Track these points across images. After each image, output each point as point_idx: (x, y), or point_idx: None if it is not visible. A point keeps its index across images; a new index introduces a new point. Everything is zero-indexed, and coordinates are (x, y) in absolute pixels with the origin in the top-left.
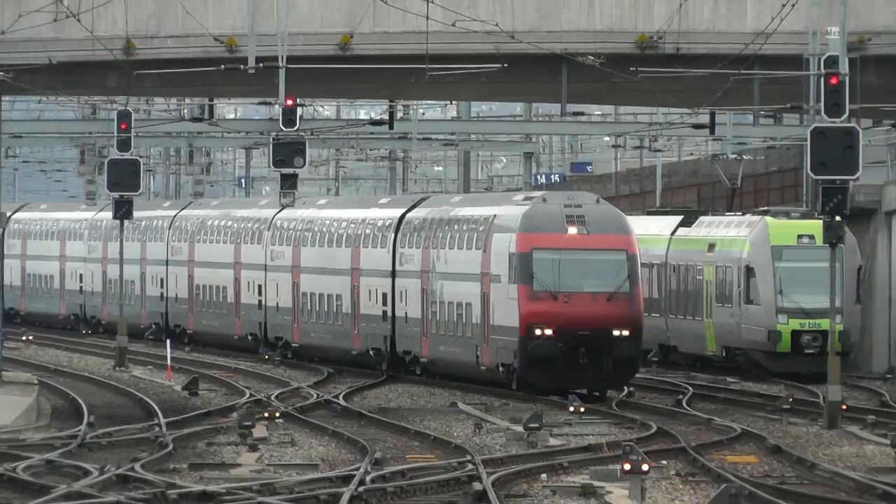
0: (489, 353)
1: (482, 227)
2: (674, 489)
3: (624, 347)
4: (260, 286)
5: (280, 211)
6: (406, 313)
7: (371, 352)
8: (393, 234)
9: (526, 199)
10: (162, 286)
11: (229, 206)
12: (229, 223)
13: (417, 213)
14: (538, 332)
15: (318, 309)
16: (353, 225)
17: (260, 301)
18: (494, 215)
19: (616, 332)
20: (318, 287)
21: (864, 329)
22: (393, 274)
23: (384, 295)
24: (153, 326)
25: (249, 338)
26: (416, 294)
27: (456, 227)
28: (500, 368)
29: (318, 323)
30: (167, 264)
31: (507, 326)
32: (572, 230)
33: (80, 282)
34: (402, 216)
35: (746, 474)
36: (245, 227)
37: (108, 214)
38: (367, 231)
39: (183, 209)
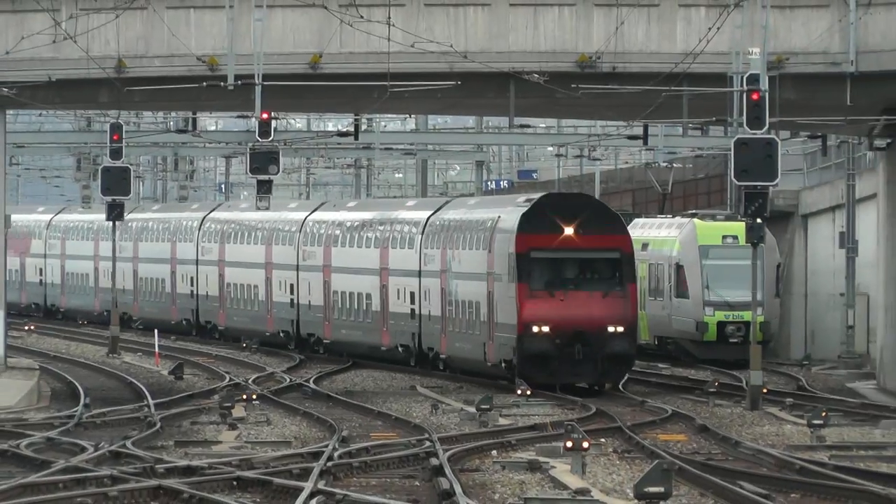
0: (493, 349)
1: (487, 229)
2: (611, 464)
3: (618, 343)
4: (292, 285)
5: (311, 213)
6: (429, 311)
7: (399, 348)
8: (419, 236)
9: (527, 200)
10: (192, 284)
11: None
12: (260, 225)
13: (440, 216)
14: (535, 329)
15: (348, 307)
16: (381, 226)
17: (292, 299)
18: (498, 217)
19: (611, 329)
20: (349, 286)
21: (783, 320)
22: (419, 274)
23: (412, 294)
24: (184, 322)
25: (281, 334)
26: (437, 293)
27: (467, 228)
28: (503, 364)
29: (349, 320)
30: (197, 264)
31: (507, 324)
32: (569, 230)
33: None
34: (428, 218)
35: (677, 451)
36: (276, 228)
37: (137, 216)
38: (395, 233)
39: (212, 211)
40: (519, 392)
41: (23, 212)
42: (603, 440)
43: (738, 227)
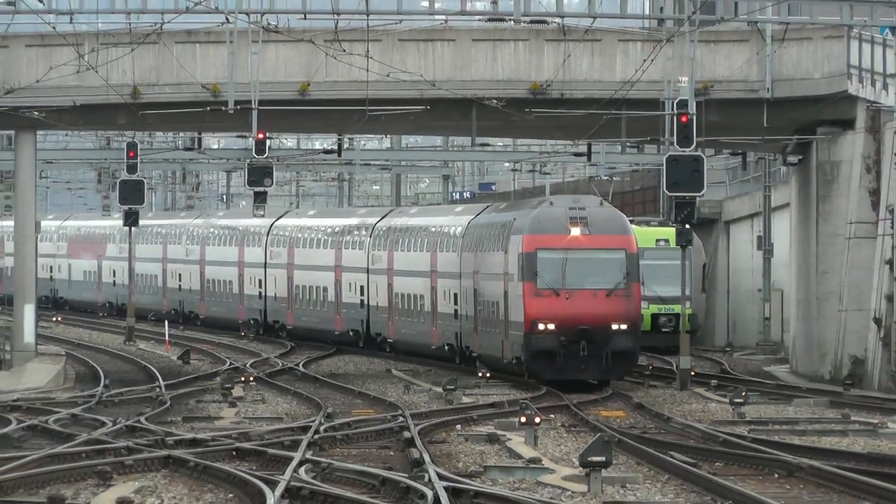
0: (507, 346)
1: (504, 231)
2: (559, 437)
3: (621, 340)
4: (362, 287)
5: (381, 219)
6: (466, 312)
7: (446, 347)
8: (461, 240)
9: (539, 203)
10: (260, 286)
11: (327, 216)
12: (329, 230)
13: (478, 220)
14: (541, 326)
15: (407, 308)
16: (432, 231)
17: (362, 300)
18: (514, 219)
19: (615, 327)
20: (407, 288)
21: (708, 312)
22: (460, 276)
23: (455, 295)
24: (251, 322)
25: (350, 333)
26: (470, 294)
27: (492, 231)
28: (514, 360)
29: (408, 321)
30: (265, 267)
31: (517, 322)
32: (575, 231)
33: (179, 280)
34: (469, 223)
35: (616, 426)
36: (346, 232)
37: (202, 221)
38: (442, 237)
39: (279, 218)
40: (480, 374)
41: (97, 218)
42: (552, 416)
43: (670, 232)
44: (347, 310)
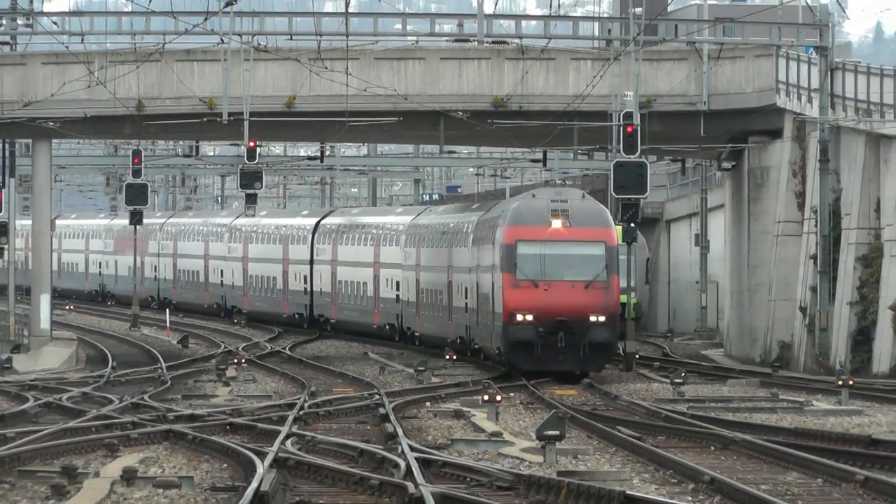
0: (494, 337)
1: (495, 224)
2: (518, 413)
3: (599, 332)
4: (398, 282)
5: (323, 218)
6: (408, 298)
7: (459, 340)
8: (403, 237)
9: (526, 195)
10: (305, 282)
11: (368, 215)
12: (369, 228)
13: (418, 220)
14: (519, 317)
15: (431, 302)
16: (449, 229)
17: (397, 295)
18: (503, 212)
19: (592, 319)
20: (431, 283)
21: (651, 302)
22: (402, 267)
23: (466, 289)
24: (296, 316)
25: (387, 327)
26: (412, 282)
27: (487, 226)
28: (496, 351)
29: (430, 314)
30: (312, 263)
31: (499, 313)
32: (556, 223)
33: (222, 276)
34: (410, 223)
35: (569, 403)
36: (384, 230)
37: (244, 221)
38: (457, 235)
39: (324, 217)
40: (447, 357)
41: (204, 216)
42: (512, 394)
43: (617, 231)
44: (384, 304)
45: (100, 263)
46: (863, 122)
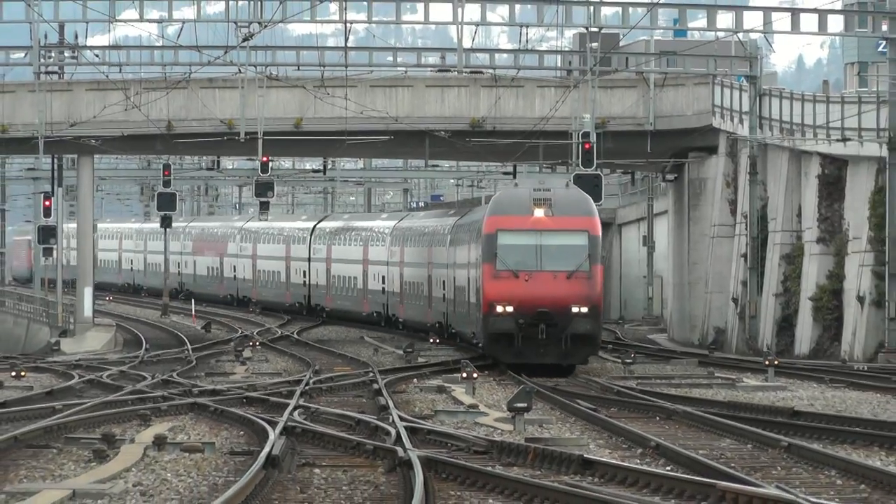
0: (479, 328)
1: (472, 225)
2: (492, 388)
3: (582, 323)
4: (383, 276)
5: (319, 222)
6: (392, 289)
7: (437, 324)
8: (388, 238)
9: (509, 184)
10: (304, 276)
11: (357, 219)
12: (358, 231)
13: (401, 224)
14: (499, 309)
15: (413, 293)
16: (427, 230)
17: (384, 287)
18: (483, 210)
19: (574, 309)
20: (413, 277)
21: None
22: (388, 263)
23: (444, 282)
24: (296, 305)
25: (375, 314)
26: (397, 276)
27: (464, 229)
28: (477, 342)
29: (412, 303)
30: (309, 261)
31: (479, 304)
32: (538, 212)
33: (234, 271)
34: (394, 226)
35: (535, 380)
36: (371, 233)
37: (254, 224)
38: (436, 236)
39: (320, 221)
40: (432, 340)
41: (219, 220)
42: (486, 372)
43: None
44: (372, 296)
45: (131, 260)
46: (786, 140)
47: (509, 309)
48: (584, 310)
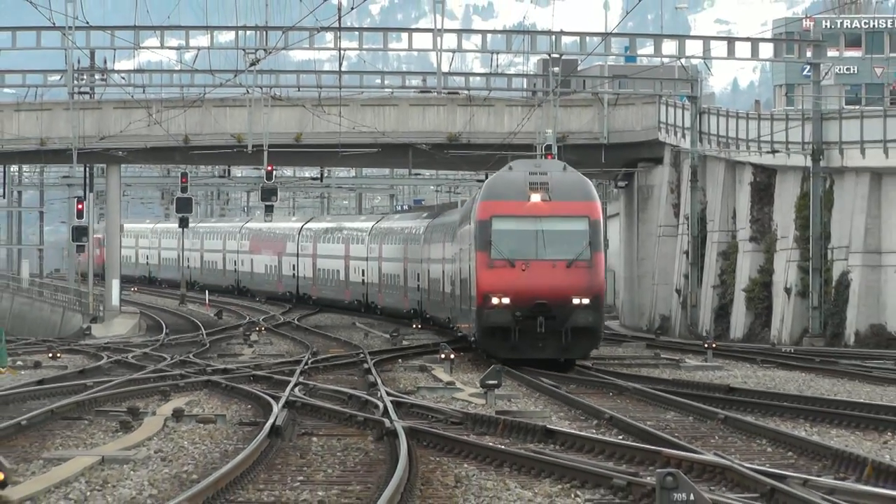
0: (472, 322)
1: (446, 225)
2: (467, 368)
3: (583, 316)
4: (363, 270)
5: (377, 222)
6: (372, 280)
7: (412, 311)
8: (367, 236)
9: (503, 168)
10: (294, 269)
11: (339, 221)
12: (340, 231)
13: (379, 224)
14: (494, 301)
15: (390, 284)
16: (404, 230)
17: (363, 279)
18: (482, 187)
19: (575, 301)
20: (390, 270)
21: None
22: (367, 259)
23: (418, 275)
24: (287, 294)
25: (356, 302)
26: (376, 270)
27: (392, 231)
28: (470, 337)
29: (389, 293)
30: (298, 256)
31: (472, 296)
32: (535, 197)
33: (235, 265)
34: (373, 226)
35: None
36: (352, 232)
37: (252, 224)
38: (411, 234)
39: (307, 223)
40: (415, 326)
41: (277, 220)
42: (462, 354)
43: None
44: (353, 286)
45: (147, 256)
46: (723, 152)
47: (505, 301)
48: (586, 301)
